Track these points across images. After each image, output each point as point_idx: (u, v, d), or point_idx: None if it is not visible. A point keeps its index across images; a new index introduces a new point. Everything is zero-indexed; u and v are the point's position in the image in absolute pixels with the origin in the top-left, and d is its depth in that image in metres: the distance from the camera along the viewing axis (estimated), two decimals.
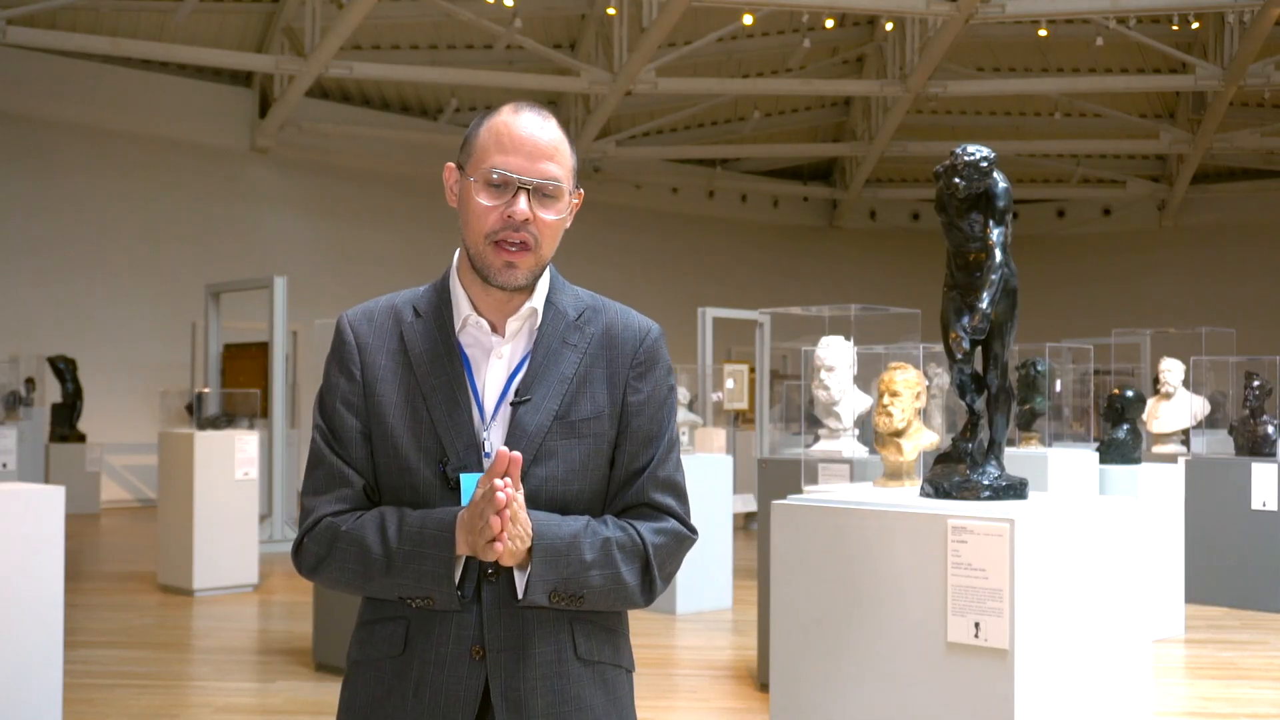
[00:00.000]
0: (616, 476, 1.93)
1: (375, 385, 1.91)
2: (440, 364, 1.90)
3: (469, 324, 1.92)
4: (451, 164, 1.93)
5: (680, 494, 1.97)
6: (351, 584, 1.90)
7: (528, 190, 1.84)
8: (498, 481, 1.73)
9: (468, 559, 1.84)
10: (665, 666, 6.62)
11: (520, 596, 1.82)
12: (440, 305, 1.94)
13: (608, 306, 1.98)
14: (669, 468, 1.95)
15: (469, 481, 1.81)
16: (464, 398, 1.88)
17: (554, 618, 1.86)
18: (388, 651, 1.89)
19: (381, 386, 1.91)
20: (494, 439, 1.88)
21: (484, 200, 1.85)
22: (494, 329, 1.92)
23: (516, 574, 1.83)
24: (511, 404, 1.88)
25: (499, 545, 1.74)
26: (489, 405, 1.89)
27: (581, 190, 1.95)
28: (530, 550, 1.79)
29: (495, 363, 1.91)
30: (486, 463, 1.86)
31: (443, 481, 1.86)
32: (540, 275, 1.91)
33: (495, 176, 1.84)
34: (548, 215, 1.86)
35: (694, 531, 1.97)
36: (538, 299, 1.92)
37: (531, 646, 1.85)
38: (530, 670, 1.85)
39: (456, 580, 1.83)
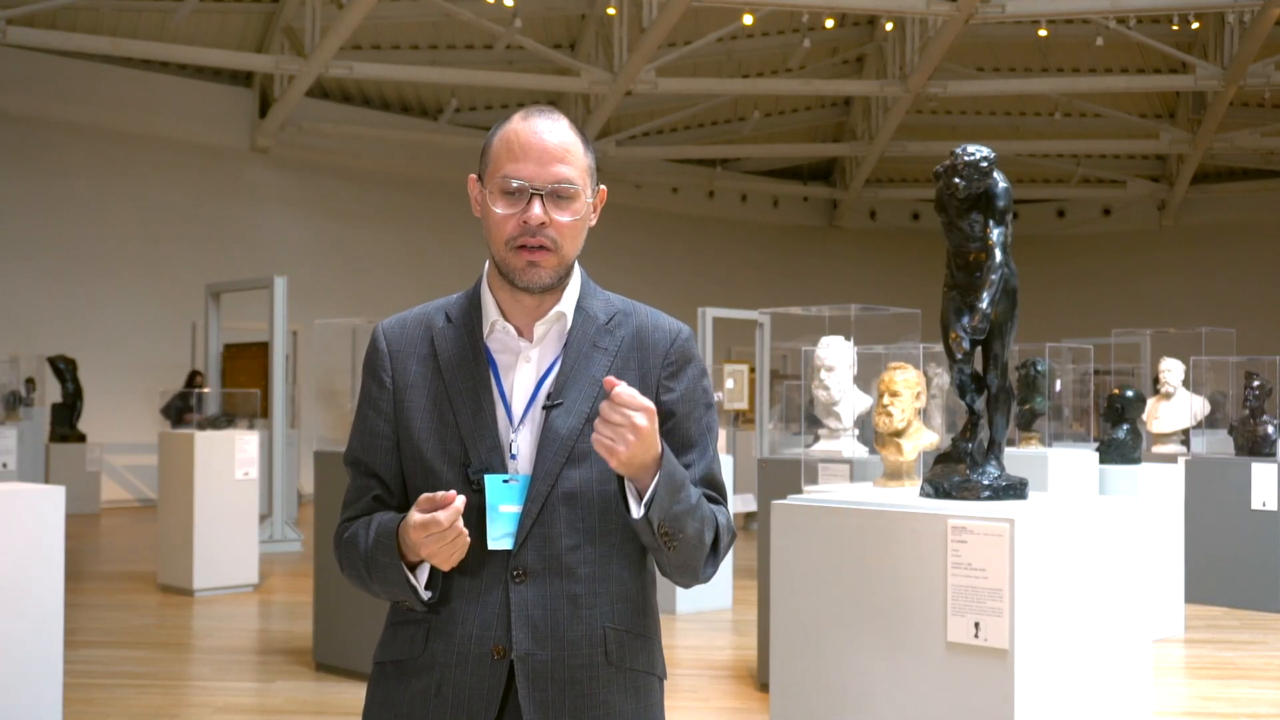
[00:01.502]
0: None
1: (405, 391, 1.94)
2: (467, 368, 1.92)
3: (496, 329, 1.93)
4: (473, 175, 1.96)
5: (724, 490, 2.02)
6: (361, 588, 1.97)
7: (541, 195, 1.85)
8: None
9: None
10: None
11: (637, 515, 1.80)
12: (471, 311, 1.96)
13: (638, 310, 2.00)
14: (714, 466, 1.99)
15: (492, 482, 1.83)
16: (489, 401, 1.90)
17: (586, 621, 1.87)
18: (410, 652, 1.91)
19: (411, 392, 1.93)
20: (523, 441, 1.89)
21: (500, 209, 1.87)
22: (521, 334, 1.93)
23: (630, 490, 1.82)
24: (544, 407, 1.89)
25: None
26: (517, 409, 1.90)
27: (603, 187, 1.96)
28: (659, 462, 1.78)
29: (524, 366, 1.92)
30: (512, 465, 1.88)
31: (465, 484, 1.87)
32: (566, 275, 1.92)
33: (509, 185, 1.86)
34: (563, 217, 1.87)
35: None
36: (565, 304, 1.93)
37: (561, 649, 1.85)
38: (559, 673, 1.85)
39: (422, 583, 1.86)
